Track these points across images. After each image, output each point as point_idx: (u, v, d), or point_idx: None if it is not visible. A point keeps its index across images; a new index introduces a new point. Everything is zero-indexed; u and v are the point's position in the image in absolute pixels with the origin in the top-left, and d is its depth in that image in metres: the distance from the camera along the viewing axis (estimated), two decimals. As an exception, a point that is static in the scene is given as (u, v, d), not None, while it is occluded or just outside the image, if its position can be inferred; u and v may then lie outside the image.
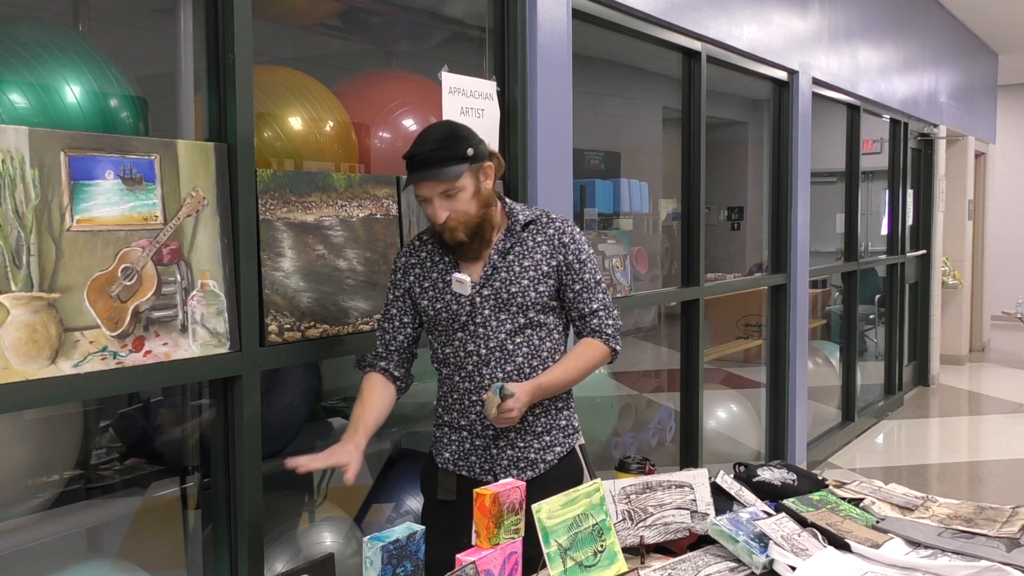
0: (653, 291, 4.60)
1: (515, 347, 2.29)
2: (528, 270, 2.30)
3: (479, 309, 2.27)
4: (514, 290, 2.27)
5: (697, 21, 4.26)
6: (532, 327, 2.30)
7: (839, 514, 2.13)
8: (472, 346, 2.28)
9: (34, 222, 1.86)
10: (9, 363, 1.82)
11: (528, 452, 2.32)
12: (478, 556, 1.63)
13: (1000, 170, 12.12)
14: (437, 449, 2.39)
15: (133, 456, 2.75)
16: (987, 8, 8.44)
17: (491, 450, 2.31)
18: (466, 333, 2.28)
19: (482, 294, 2.27)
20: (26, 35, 2.12)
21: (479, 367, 2.28)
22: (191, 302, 2.15)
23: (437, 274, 2.31)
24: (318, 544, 2.87)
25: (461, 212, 2.21)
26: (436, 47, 3.59)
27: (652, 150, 6.02)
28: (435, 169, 2.17)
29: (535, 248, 2.32)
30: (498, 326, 2.27)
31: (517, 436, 2.32)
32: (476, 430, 2.32)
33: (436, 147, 2.19)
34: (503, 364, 2.28)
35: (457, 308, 2.28)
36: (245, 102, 2.25)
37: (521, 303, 2.28)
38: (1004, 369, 10.08)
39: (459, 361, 2.30)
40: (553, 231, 2.34)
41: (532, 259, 2.31)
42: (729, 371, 6.23)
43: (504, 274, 2.28)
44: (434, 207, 2.20)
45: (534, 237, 2.33)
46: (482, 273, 2.28)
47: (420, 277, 2.33)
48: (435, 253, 2.33)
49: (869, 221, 8.20)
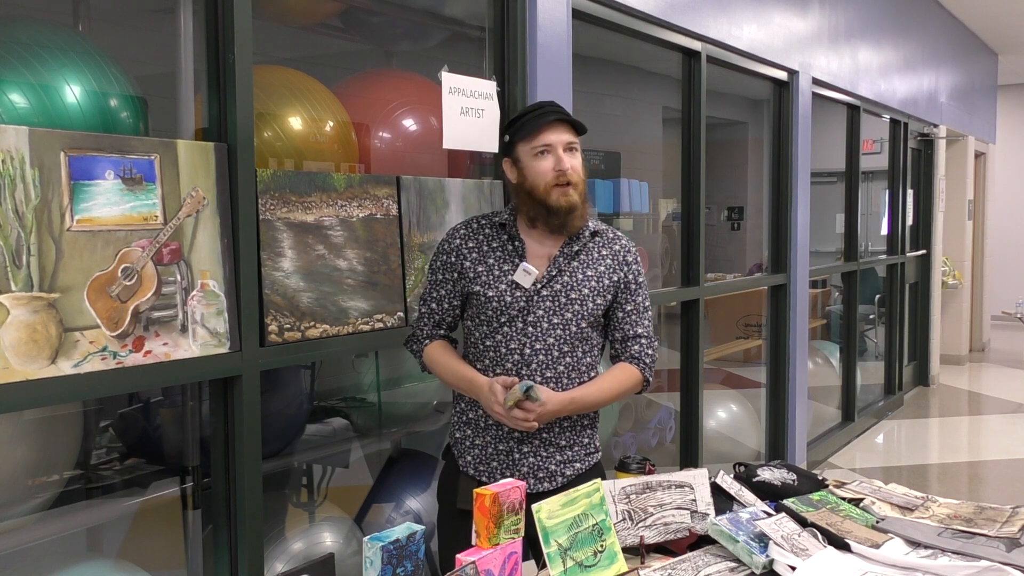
0: (653, 291, 4.59)
1: (560, 355, 2.24)
2: (591, 279, 2.27)
3: (534, 306, 2.22)
4: (574, 296, 2.24)
5: (697, 21, 4.26)
6: (580, 338, 2.26)
7: (839, 514, 2.13)
8: (516, 343, 2.22)
9: (34, 222, 1.86)
10: (9, 363, 1.82)
11: (549, 463, 2.28)
12: (478, 556, 1.63)
13: (1000, 170, 12.12)
14: (459, 451, 2.33)
15: (133, 456, 2.75)
16: (987, 8, 8.44)
17: (513, 455, 2.26)
18: (514, 328, 2.22)
19: (541, 293, 2.22)
20: (26, 35, 2.12)
21: (519, 367, 2.23)
22: (191, 302, 2.15)
23: (494, 260, 2.26)
24: (318, 544, 2.87)
25: (579, 172, 2.22)
26: (436, 47, 3.59)
27: (652, 150, 6.02)
28: (570, 116, 2.22)
29: (600, 260, 2.30)
30: (549, 328, 2.22)
31: (541, 445, 2.27)
32: (501, 433, 2.26)
33: (560, 107, 2.26)
34: (544, 369, 2.23)
35: (511, 300, 2.22)
36: (245, 102, 2.25)
37: (578, 310, 2.24)
38: (1004, 369, 10.08)
39: (499, 356, 2.24)
40: (619, 247, 2.34)
41: (596, 270, 2.28)
42: (729, 371, 6.23)
43: (567, 277, 2.25)
44: (559, 155, 2.19)
45: (599, 249, 2.31)
46: (546, 271, 2.24)
47: (476, 261, 2.27)
48: (493, 239, 2.28)
49: (869, 221, 8.20)
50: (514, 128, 2.27)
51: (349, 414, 3.38)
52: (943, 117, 8.78)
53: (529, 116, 2.24)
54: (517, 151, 2.25)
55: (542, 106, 2.25)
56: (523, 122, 2.24)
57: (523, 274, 2.22)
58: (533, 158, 2.21)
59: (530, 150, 2.22)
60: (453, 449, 2.36)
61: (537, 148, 2.20)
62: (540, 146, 2.20)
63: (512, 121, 2.30)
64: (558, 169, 2.18)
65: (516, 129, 2.26)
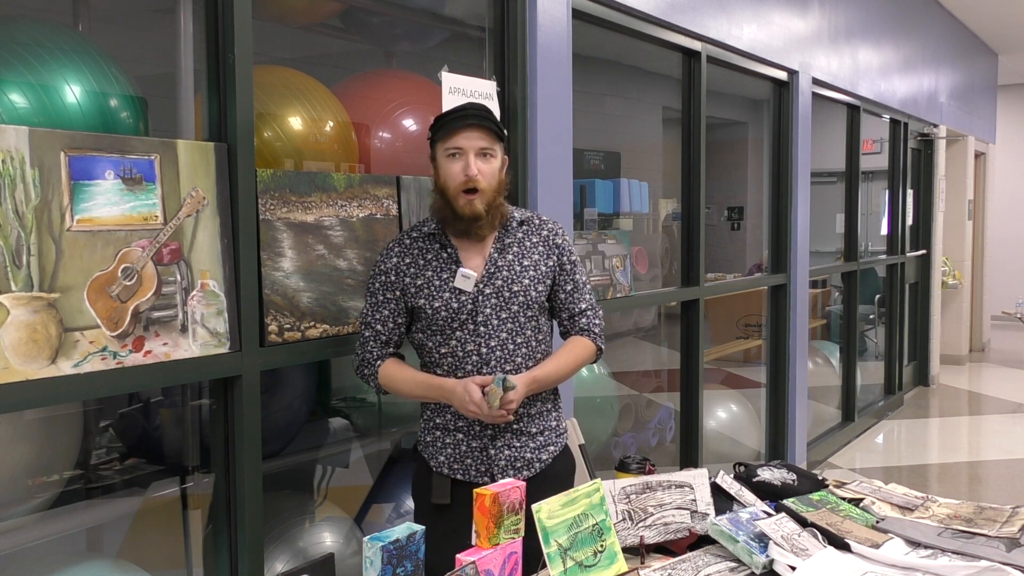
0: (653, 291, 4.60)
1: (515, 347, 2.29)
2: (528, 269, 2.31)
3: (481, 307, 2.26)
4: (516, 289, 2.28)
5: (697, 21, 4.26)
6: (530, 327, 2.32)
7: (839, 514, 2.13)
8: (472, 345, 2.26)
9: (34, 222, 1.86)
10: (9, 363, 1.82)
11: (524, 452, 2.32)
12: (478, 556, 1.63)
13: (1000, 170, 12.12)
14: (430, 453, 2.36)
15: (133, 456, 2.75)
16: (987, 8, 8.44)
17: (488, 451, 2.30)
18: (465, 332, 2.26)
19: (484, 292, 2.27)
20: (26, 35, 2.12)
21: (479, 367, 2.27)
22: (191, 302, 2.15)
23: (432, 272, 2.29)
24: (318, 544, 2.87)
25: (489, 178, 2.23)
26: (436, 47, 3.59)
27: (652, 150, 6.02)
28: (487, 121, 2.22)
29: (532, 248, 2.34)
30: (499, 325, 2.27)
31: (513, 436, 2.32)
32: (473, 431, 2.30)
33: (484, 110, 2.26)
34: (503, 363, 2.28)
35: (458, 306, 2.26)
36: (245, 102, 2.25)
37: (523, 301, 2.29)
38: (1004, 369, 10.08)
39: (457, 361, 2.28)
40: (547, 232, 2.38)
41: (531, 259, 2.33)
42: (729, 371, 6.23)
43: (506, 272, 2.29)
44: (468, 160, 2.20)
45: (529, 237, 2.35)
46: (484, 270, 2.28)
47: (414, 276, 2.29)
48: (427, 251, 2.31)
49: (869, 221, 8.20)
50: (435, 127, 2.28)
51: (349, 414, 3.38)
52: (943, 117, 8.78)
53: (448, 117, 2.25)
54: (435, 151, 2.28)
55: (464, 108, 2.25)
56: (442, 122, 2.26)
57: (463, 279, 2.26)
58: (446, 159, 2.24)
59: (444, 151, 2.24)
60: (423, 452, 2.38)
61: (449, 150, 2.23)
62: (452, 148, 2.22)
63: (436, 119, 2.30)
64: (466, 174, 2.19)
65: (435, 129, 2.28)
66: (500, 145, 2.28)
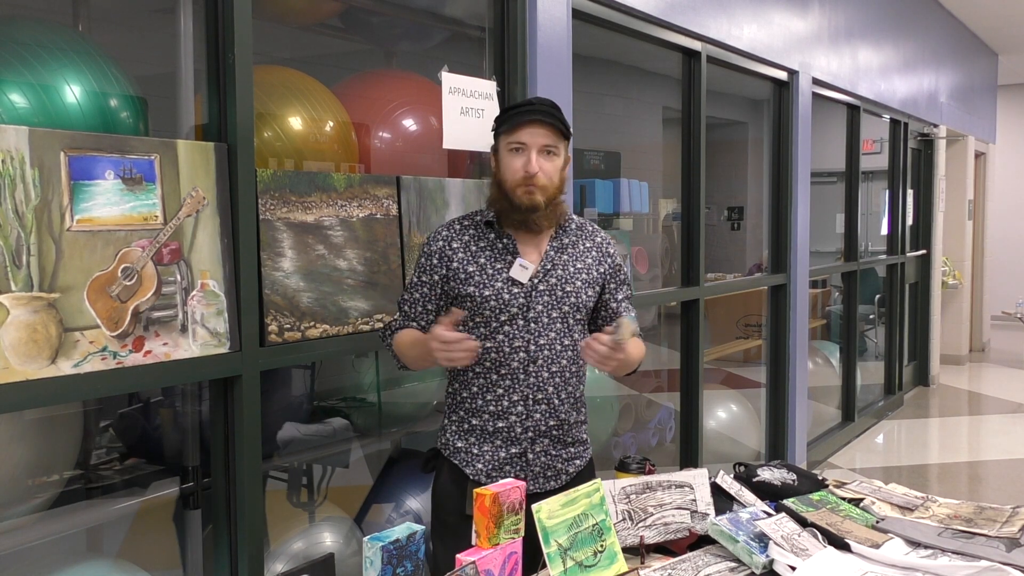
0: (653, 291, 4.60)
1: (563, 348, 2.23)
2: (581, 272, 2.28)
3: (534, 302, 2.20)
4: (569, 289, 2.24)
5: (697, 21, 4.26)
6: (577, 330, 2.27)
7: (839, 514, 2.13)
8: (520, 341, 2.19)
9: (34, 222, 1.86)
10: (9, 363, 1.82)
11: (557, 462, 2.28)
12: (478, 556, 1.63)
13: (1000, 170, 12.12)
14: (464, 460, 2.25)
15: (133, 456, 2.75)
16: (987, 8, 8.44)
17: (527, 455, 2.23)
18: (515, 326, 2.19)
19: (538, 288, 2.21)
20: (26, 35, 2.12)
21: (525, 364, 2.19)
22: (191, 302, 2.15)
23: (485, 259, 2.21)
24: (318, 544, 2.87)
25: (550, 176, 2.19)
26: (436, 47, 3.59)
27: (652, 150, 6.02)
28: (553, 118, 2.18)
29: (586, 253, 2.31)
30: (549, 323, 2.21)
31: (551, 444, 2.26)
32: (513, 434, 2.22)
33: (552, 106, 2.22)
34: (549, 364, 2.21)
35: (509, 298, 2.18)
36: (245, 102, 2.25)
37: (574, 303, 2.25)
38: (1004, 369, 10.08)
39: (503, 356, 2.19)
40: (600, 239, 2.37)
41: (584, 262, 2.30)
42: (729, 371, 6.23)
43: (560, 271, 2.24)
44: (530, 156, 2.15)
45: (583, 242, 2.32)
46: (539, 266, 2.22)
47: (465, 261, 2.21)
48: (481, 238, 2.24)
49: (869, 221, 8.20)
50: (500, 119, 2.26)
51: (349, 414, 3.38)
52: (943, 117, 8.77)
53: (515, 111, 2.21)
54: (499, 142, 2.24)
55: (531, 103, 2.22)
56: (508, 115, 2.22)
57: (520, 269, 2.19)
58: (508, 153, 2.20)
59: (506, 144, 2.20)
60: (452, 459, 2.27)
61: (512, 144, 2.18)
62: (515, 143, 2.18)
63: (502, 111, 2.28)
64: (526, 171, 2.16)
65: (501, 121, 2.24)
66: (564, 143, 2.22)
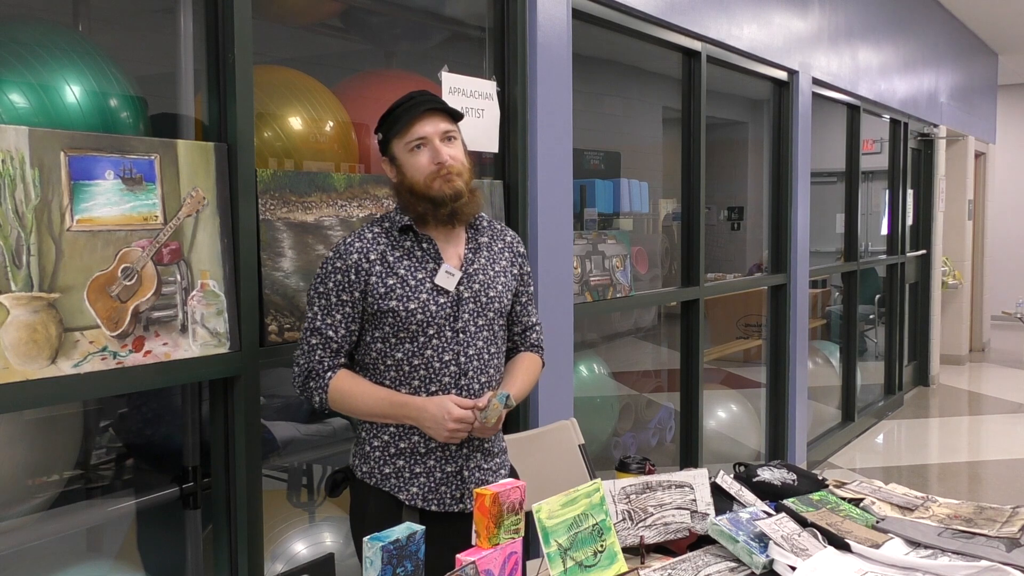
0: (653, 291, 4.59)
1: (490, 356, 2.13)
2: (500, 275, 2.18)
3: (460, 311, 2.08)
4: (492, 295, 2.14)
5: (697, 21, 4.26)
6: (500, 336, 2.18)
7: (839, 514, 2.13)
8: (450, 355, 2.06)
9: (34, 222, 1.86)
10: (9, 363, 1.82)
11: (488, 475, 2.16)
12: (478, 556, 1.63)
13: (1000, 170, 12.12)
14: (395, 485, 2.09)
15: (133, 456, 2.75)
16: (987, 8, 8.44)
17: (462, 474, 2.11)
18: (443, 339, 2.06)
19: (463, 296, 2.08)
20: (26, 35, 2.12)
21: (456, 378, 2.07)
22: (191, 302, 2.15)
23: (405, 270, 2.06)
24: (318, 544, 2.87)
25: (460, 160, 2.08)
26: (436, 47, 3.59)
27: (652, 150, 6.02)
28: (441, 103, 2.10)
29: (499, 254, 2.21)
30: (477, 332, 2.09)
31: (483, 458, 2.15)
32: (448, 453, 2.09)
33: (431, 94, 2.14)
34: (479, 375, 2.10)
35: (436, 309, 2.05)
36: (245, 102, 2.25)
37: (498, 308, 2.15)
38: (1004, 369, 10.08)
39: (432, 372, 2.06)
40: (511, 239, 2.27)
41: (500, 264, 2.20)
42: (729, 371, 6.23)
43: (481, 276, 2.13)
44: (435, 146, 2.04)
45: (496, 243, 2.22)
46: (462, 270, 2.10)
47: (382, 274, 2.05)
48: (396, 247, 2.08)
49: (869, 221, 8.20)
50: (386, 124, 2.12)
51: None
52: (943, 117, 8.77)
53: (399, 110, 2.08)
54: (392, 148, 2.10)
55: (412, 97, 2.09)
56: (394, 117, 2.09)
57: (446, 276, 2.06)
58: (409, 154, 2.06)
59: (404, 146, 2.07)
60: (380, 485, 2.10)
61: (411, 143, 2.06)
62: (414, 140, 2.05)
63: (383, 117, 2.13)
64: (437, 162, 2.03)
65: (388, 125, 2.11)
66: (457, 127, 2.12)
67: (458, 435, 2.02)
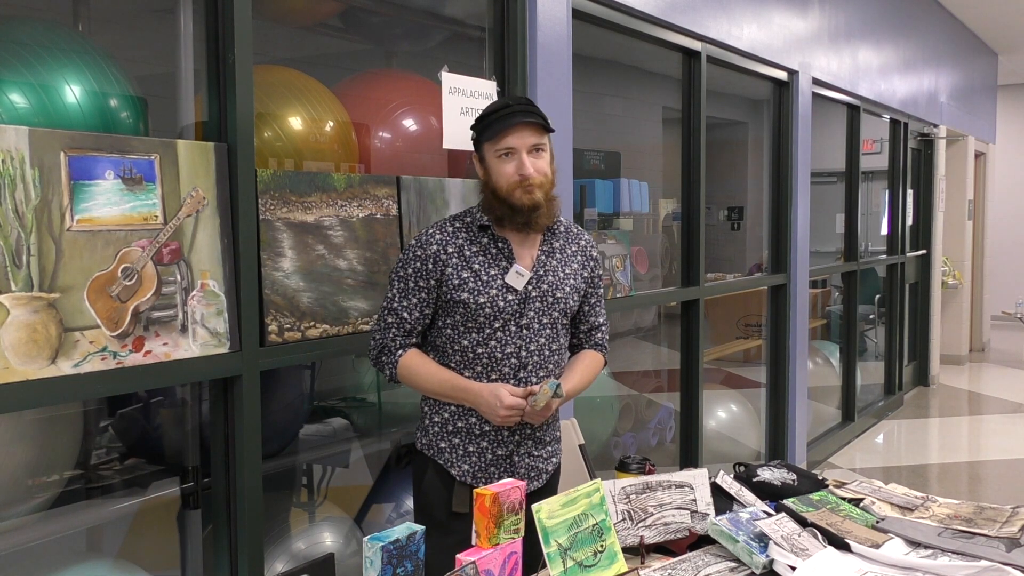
0: (653, 291, 4.60)
1: (551, 352, 2.26)
2: (570, 277, 2.29)
3: (526, 309, 2.21)
4: (559, 295, 2.26)
5: (697, 21, 4.26)
6: (563, 335, 2.31)
7: (839, 514, 2.13)
8: (512, 347, 2.20)
9: (34, 222, 1.86)
10: (9, 363, 1.82)
11: (539, 462, 2.32)
12: (478, 556, 1.63)
13: (1000, 170, 12.12)
14: (449, 460, 2.26)
15: (133, 456, 2.75)
16: (987, 8, 8.44)
17: (512, 458, 2.26)
18: (507, 332, 2.20)
19: (531, 295, 2.21)
20: (26, 35, 2.12)
21: (516, 370, 2.21)
22: (191, 302, 2.15)
23: (480, 265, 2.20)
24: (318, 544, 2.87)
25: (544, 173, 2.18)
26: (436, 47, 3.59)
27: (652, 150, 6.02)
28: (534, 116, 2.16)
29: (572, 257, 2.32)
30: (540, 329, 2.23)
31: (535, 445, 2.30)
32: (501, 437, 2.24)
33: (529, 103, 2.20)
34: (538, 369, 2.23)
35: (504, 304, 2.18)
36: (245, 102, 2.25)
37: (563, 308, 2.27)
38: (1004, 369, 10.08)
39: (494, 361, 2.20)
40: (584, 243, 2.37)
41: (571, 267, 2.31)
42: (729, 371, 6.23)
43: (551, 277, 2.25)
44: (522, 159, 2.14)
45: (569, 245, 2.33)
46: (533, 271, 2.23)
47: (458, 267, 2.19)
48: (474, 242, 2.22)
49: (869, 221, 8.20)
50: (480, 127, 2.22)
51: (349, 414, 3.38)
52: (943, 117, 8.78)
53: (494, 116, 2.18)
54: (483, 150, 2.21)
55: (508, 105, 2.18)
56: (488, 122, 2.19)
57: (516, 276, 2.19)
58: (496, 160, 2.18)
59: (494, 152, 2.18)
60: (436, 459, 2.28)
61: (500, 151, 2.16)
62: (503, 149, 2.16)
63: (479, 119, 2.23)
64: (521, 174, 2.14)
65: (481, 129, 2.21)
66: (548, 138, 2.22)
67: (510, 420, 2.16)
